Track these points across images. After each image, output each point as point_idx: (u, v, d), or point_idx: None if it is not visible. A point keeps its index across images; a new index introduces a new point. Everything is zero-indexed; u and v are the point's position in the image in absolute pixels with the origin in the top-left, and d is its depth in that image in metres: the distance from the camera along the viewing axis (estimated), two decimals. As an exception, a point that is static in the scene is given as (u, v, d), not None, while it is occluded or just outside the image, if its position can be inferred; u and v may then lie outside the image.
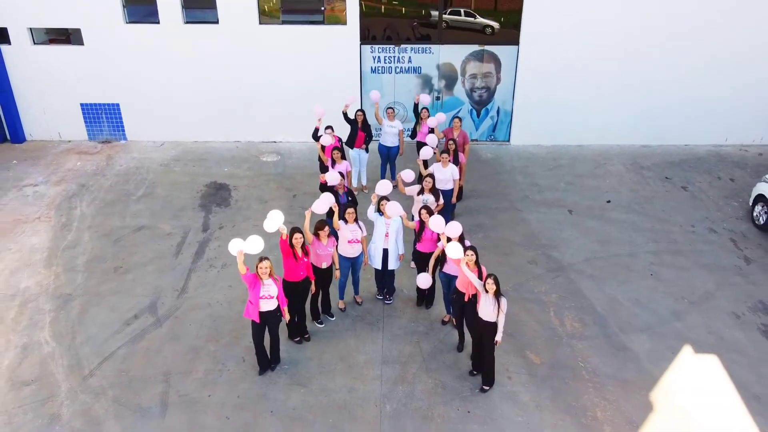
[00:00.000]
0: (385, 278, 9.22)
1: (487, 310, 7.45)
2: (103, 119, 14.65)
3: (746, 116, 14.44)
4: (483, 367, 7.93)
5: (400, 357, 8.41)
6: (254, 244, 7.22)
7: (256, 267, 7.41)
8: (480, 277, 7.59)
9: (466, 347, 8.44)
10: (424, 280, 8.53)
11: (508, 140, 14.93)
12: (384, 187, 8.80)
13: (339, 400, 7.72)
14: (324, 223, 8.35)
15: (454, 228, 7.95)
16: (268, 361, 8.12)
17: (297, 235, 7.95)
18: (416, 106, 12.14)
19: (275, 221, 7.69)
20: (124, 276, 10.03)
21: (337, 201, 8.86)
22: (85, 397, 7.68)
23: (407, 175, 9.58)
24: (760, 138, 14.65)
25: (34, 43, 13.99)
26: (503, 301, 7.41)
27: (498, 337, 7.56)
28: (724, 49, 13.81)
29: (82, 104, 14.53)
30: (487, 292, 7.37)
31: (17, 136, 14.67)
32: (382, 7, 13.90)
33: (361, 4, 13.47)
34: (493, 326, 7.49)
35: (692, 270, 10.36)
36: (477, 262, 7.67)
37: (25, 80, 14.24)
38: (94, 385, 7.88)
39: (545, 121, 14.50)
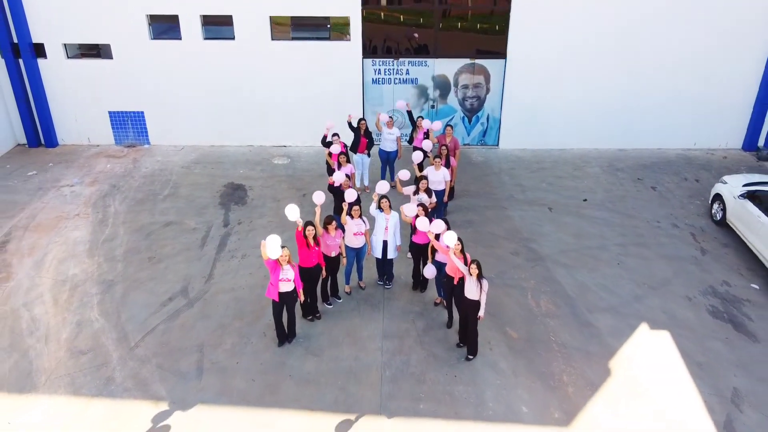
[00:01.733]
0: (385, 266, 10.68)
1: (471, 290, 8.90)
2: (128, 125, 16.11)
3: (713, 123, 15.88)
4: (468, 339, 9.38)
5: (397, 332, 9.87)
6: (274, 246, 8.59)
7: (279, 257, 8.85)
8: (465, 263, 9.05)
9: (454, 325, 9.89)
10: (430, 271, 9.92)
11: (497, 144, 16.39)
12: (383, 187, 10.27)
13: (346, 367, 9.18)
14: (332, 218, 9.82)
15: (438, 225, 9.40)
16: (285, 335, 9.57)
17: (309, 228, 9.41)
18: (410, 113, 13.59)
19: (295, 212, 9.15)
20: (157, 265, 11.49)
21: (343, 199, 10.34)
22: (133, 364, 9.15)
23: (404, 174, 11.06)
24: (726, 142, 16.10)
25: (68, 57, 15.44)
26: (485, 282, 8.87)
27: (481, 313, 9.01)
28: (693, 63, 15.23)
29: (110, 112, 15.99)
30: (471, 275, 8.82)
31: (51, 140, 16.13)
32: (383, 22, 15.34)
33: (363, 23, 14.92)
34: (477, 304, 8.95)
35: (654, 260, 11.82)
36: (462, 251, 9.13)
37: (58, 90, 15.70)
38: (139, 354, 9.35)
39: (530, 127, 15.95)
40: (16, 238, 12.24)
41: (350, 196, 10.03)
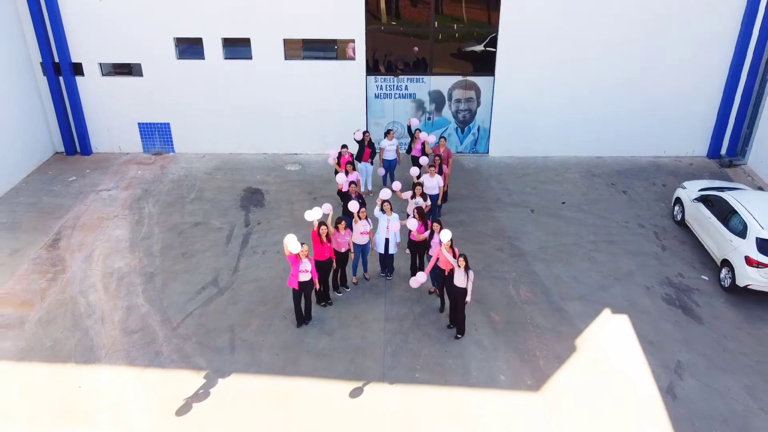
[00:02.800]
0: (386, 260, 12.47)
1: (459, 279, 10.68)
2: (155, 135, 17.89)
3: (681, 132, 17.65)
4: (457, 322, 11.17)
5: (397, 316, 11.66)
6: (293, 242, 10.37)
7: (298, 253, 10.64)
8: (454, 256, 10.84)
9: (445, 310, 11.67)
10: (416, 281, 11.46)
11: (487, 152, 18.17)
12: (386, 193, 12.08)
13: (354, 344, 10.98)
14: (341, 219, 11.63)
15: (412, 225, 11.29)
16: (303, 318, 11.36)
17: (323, 227, 11.21)
18: (409, 128, 15.40)
19: (315, 214, 10.92)
20: (190, 259, 13.29)
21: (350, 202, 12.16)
22: (177, 341, 10.96)
23: (396, 185, 12.90)
24: (692, 150, 17.88)
25: (103, 75, 17.22)
26: (471, 273, 10.65)
27: (468, 298, 10.78)
28: (662, 77, 16.96)
29: (139, 123, 17.78)
30: (459, 266, 10.61)
31: (86, 149, 17.92)
32: (385, 42, 17.14)
33: (367, 44, 16.71)
34: (464, 291, 10.71)
35: (620, 255, 13.61)
36: (452, 246, 10.92)
37: (93, 104, 17.48)
38: (181, 333, 11.15)
39: (517, 136, 17.72)
40: (65, 236, 14.05)
41: (353, 206, 11.80)
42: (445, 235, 10.69)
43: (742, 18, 16.04)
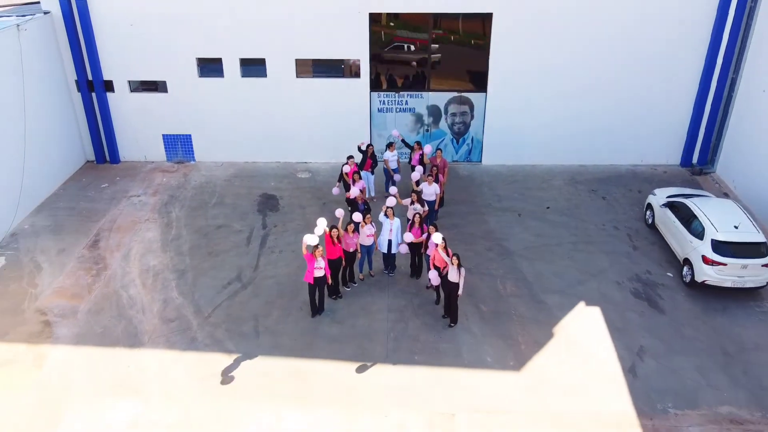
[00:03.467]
0: (389, 259, 14.22)
1: (453, 275, 12.41)
2: (178, 146, 19.64)
3: (656, 142, 19.38)
4: (450, 312, 12.91)
5: (399, 307, 13.40)
6: (312, 237, 12.14)
7: (314, 249, 12.38)
8: (448, 254, 12.58)
9: (441, 302, 13.39)
10: (434, 277, 13.16)
11: (480, 161, 19.92)
12: (390, 201, 13.84)
13: (362, 331, 12.72)
14: (350, 223, 13.38)
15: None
16: (317, 309, 13.10)
17: (334, 230, 12.95)
18: (404, 140, 17.15)
19: (320, 227, 12.60)
20: (215, 258, 15.03)
21: (358, 208, 13.90)
22: (209, 328, 12.71)
23: (393, 190, 14.65)
24: (667, 159, 19.62)
25: (131, 91, 18.98)
26: (462, 270, 12.39)
27: (460, 292, 12.51)
28: (639, 92, 18.68)
29: (163, 134, 19.53)
30: (452, 264, 12.34)
31: (115, 158, 19.68)
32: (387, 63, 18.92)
33: (371, 64, 18.47)
34: (457, 285, 12.44)
35: (596, 254, 15.35)
36: (446, 247, 12.65)
37: (122, 117, 19.23)
38: (212, 322, 12.90)
39: (507, 147, 19.45)
40: (104, 237, 15.80)
41: (357, 217, 13.53)
42: (437, 237, 12.44)
43: (709, 41, 17.78)
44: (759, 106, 17.08)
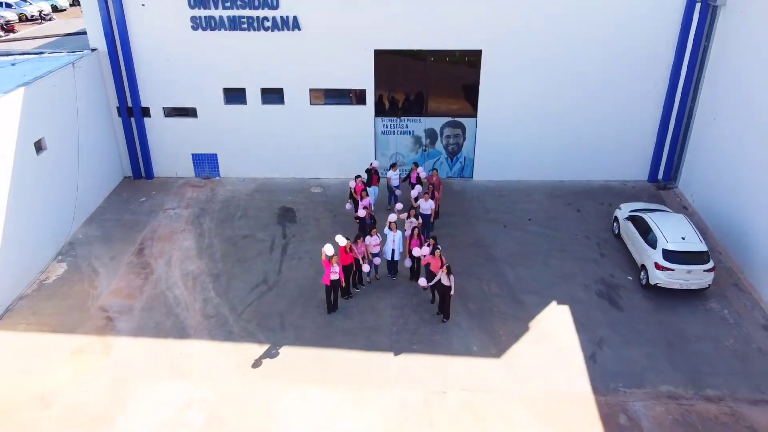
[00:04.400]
0: (392, 265, 16.83)
1: (445, 280, 15.03)
2: (205, 163, 22.26)
3: (627, 160, 21.98)
4: (443, 310, 15.51)
5: (400, 306, 16.01)
6: (330, 247, 14.79)
7: (331, 257, 14.97)
8: (442, 263, 15.18)
9: (435, 301, 15.98)
10: (422, 282, 15.82)
11: (472, 177, 22.54)
12: (392, 216, 16.48)
13: (369, 325, 15.32)
14: (359, 235, 16.00)
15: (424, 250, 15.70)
16: (332, 307, 15.71)
17: (347, 242, 15.57)
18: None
19: (341, 240, 15.23)
20: (243, 264, 17.64)
21: (365, 222, 16.55)
22: (243, 323, 15.33)
23: (398, 206, 17.26)
24: (636, 175, 22.24)
25: (165, 116, 21.61)
26: (451, 277, 14.98)
27: (452, 293, 15.11)
28: (613, 115, 21.28)
29: (192, 153, 22.17)
30: (444, 272, 14.95)
31: (150, 174, 22.31)
32: (389, 92, 21.54)
33: (376, 93, 21.10)
34: (449, 288, 15.05)
35: (568, 260, 17.95)
36: (440, 256, 15.24)
37: (156, 139, 21.86)
38: (245, 318, 15.53)
39: (496, 164, 22.06)
40: (147, 246, 18.42)
41: (369, 240, 16.09)
42: (424, 250, 15.13)
43: (670, 75, 20.41)
44: (712, 131, 19.68)
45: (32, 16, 50.91)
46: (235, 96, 21.30)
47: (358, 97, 21.30)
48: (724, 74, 19.15)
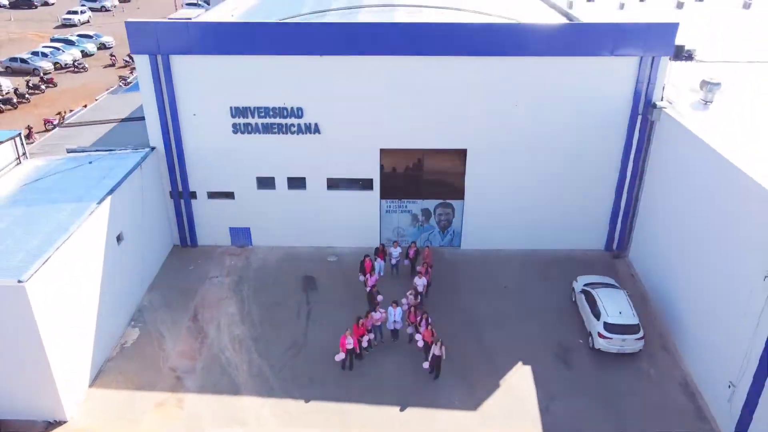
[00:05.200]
0: (394, 332, 21.56)
1: (437, 350, 19.76)
2: (240, 234, 27.06)
3: (587, 232, 26.72)
4: (435, 370, 20.24)
5: (401, 365, 20.69)
6: (340, 356, 19.59)
7: (346, 332, 19.74)
8: (432, 335, 19.92)
9: (428, 361, 20.72)
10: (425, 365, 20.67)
11: (460, 246, 27.33)
12: (394, 313, 21.26)
13: (378, 379, 20.01)
14: (368, 312, 20.79)
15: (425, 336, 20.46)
16: (349, 367, 20.44)
17: (361, 320, 20.33)
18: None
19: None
20: (277, 329, 22.34)
21: (374, 299, 21.36)
22: (281, 381, 20.03)
23: (410, 299, 22.08)
24: (595, 245, 26.99)
25: (208, 198, 26.42)
26: (443, 348, 19.70)
27: (443, 358, 19.83)
28: (576, 195, 26.04)
29: (229, 227, 26.99)
30: (436, 343, 19.70)
31: (194, 242, 27.12)
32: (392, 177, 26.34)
33: (381, 181, 25.90)
34: (440, 357, 19.78)
35: (534, 325, 22.55)
36: (432, 329, 20.00)
37: (201, 215, 26.65)
38: (282, 376, 20.22)
39: (479, 236, 26.82)
40: (200, 312, 23.20)
41: (377, 318, 20.89)
42: (420, 329, 19.96)
43: (620, 166, 25.19)
44: (654, 213, 24.40)
45: (66, 65, 55.64)
46: (266, 182, 26.07)
47: (367, 184, 26.08)
48: (659, 171, 23.91)
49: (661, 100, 23.76)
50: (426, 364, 20.15)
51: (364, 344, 20.65)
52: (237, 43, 23.29)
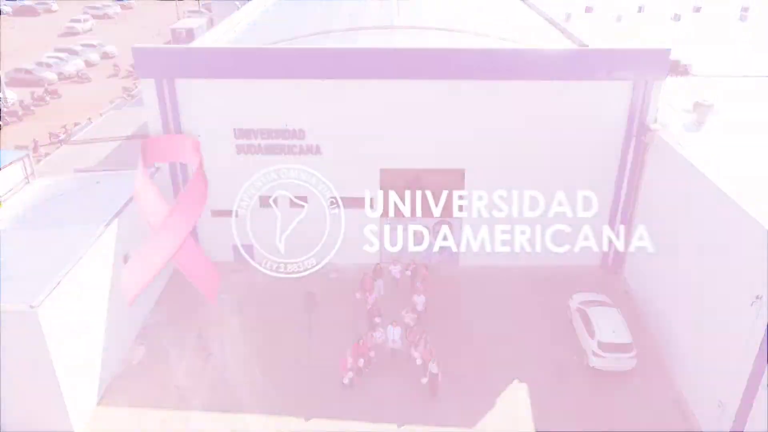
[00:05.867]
0: (394, 351, 22.14)
1: (434, 368, 20.35)
2: (243, 251, 27.64)
3: (584, 249, 27.24)
4: (432, 388, 20.82)
5: (399, 382, 21.27)
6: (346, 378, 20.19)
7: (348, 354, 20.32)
8: (431, 354, 20.50)
9: (427, 380, 21.29)
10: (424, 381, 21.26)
11: (458, 263, 27.88)
12: (393, 332, 21.84)
13: (377, 396, 20.62)
14: (371, 334, 21.38)
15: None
16: (350, 386, 21.03)
17: (361, 341, 20.91)
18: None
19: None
20: (283, 345, 22.91)
21: (373, 318, 21.92)
22: (285, 399, 20.62)
23: (420, 300, 22.67)
24: (592, 261, 27.53)
25: (212, 216, 27.01)
26: (439, 368, 20.30)
27: (440, 378, 20.41)
28: (570, 209, 26.62)
29: (232, 244, 27.54)
30: (433, 362, 20.28)
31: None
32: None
33: (381, 200, 26.47)
34: (437, 375, 20.38)
35: (532, 341, 23.15)
36: (431, 349, 20.57)
37: (205, 232, 27.26)
38: (289, 392, 20.82)
39: (478, 253, 27.35)
40: (205, 329, 23.73)
41: (377, 335, 21.49)
42: (418, 351, 20.53)
43: (613, 191, 25.75)
44: (648, 232, 24.93)
45: (70, 75, 56.31)
46: (268, 201, 26.64)
47: (367, 203, 26.60)
48: (653, 192, 24.48)
49: (655, 122, 24.34)
50: (425, 380, 20.70)
51: (361, 364, 21.24)
52: (239, 68, 23.92)
